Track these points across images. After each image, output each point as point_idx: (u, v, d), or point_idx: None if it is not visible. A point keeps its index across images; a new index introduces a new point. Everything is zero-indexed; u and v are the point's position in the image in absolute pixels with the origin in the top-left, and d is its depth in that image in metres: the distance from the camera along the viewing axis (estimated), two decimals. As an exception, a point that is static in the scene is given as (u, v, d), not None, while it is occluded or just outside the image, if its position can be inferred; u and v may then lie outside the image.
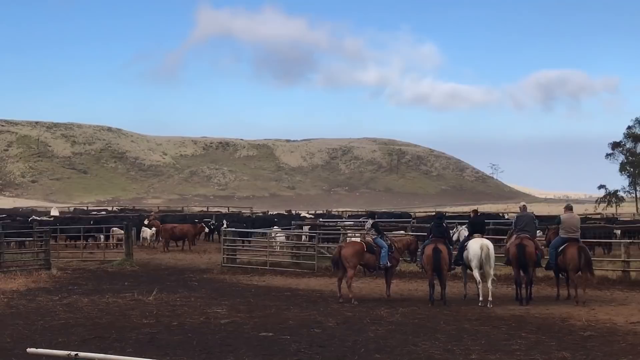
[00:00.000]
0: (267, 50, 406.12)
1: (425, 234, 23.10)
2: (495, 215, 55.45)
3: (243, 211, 77.98)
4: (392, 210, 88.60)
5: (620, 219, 56.26)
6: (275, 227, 41.61)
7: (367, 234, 22.40)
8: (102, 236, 39.20)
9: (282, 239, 35.86)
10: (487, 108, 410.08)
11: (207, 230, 45.08)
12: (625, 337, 15.63)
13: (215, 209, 77.91)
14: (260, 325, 16.97)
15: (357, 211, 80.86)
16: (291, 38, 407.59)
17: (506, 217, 53.19)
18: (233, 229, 35.62)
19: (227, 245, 31.89)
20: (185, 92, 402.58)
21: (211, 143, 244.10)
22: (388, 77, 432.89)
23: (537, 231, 24.04)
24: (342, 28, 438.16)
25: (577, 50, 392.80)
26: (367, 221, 23.55)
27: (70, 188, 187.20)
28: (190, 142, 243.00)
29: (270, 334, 15.97)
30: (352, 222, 42.76)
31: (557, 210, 60.14)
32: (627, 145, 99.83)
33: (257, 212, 75.32)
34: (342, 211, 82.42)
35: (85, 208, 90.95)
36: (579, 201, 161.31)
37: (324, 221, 44.57)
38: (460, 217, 43.67)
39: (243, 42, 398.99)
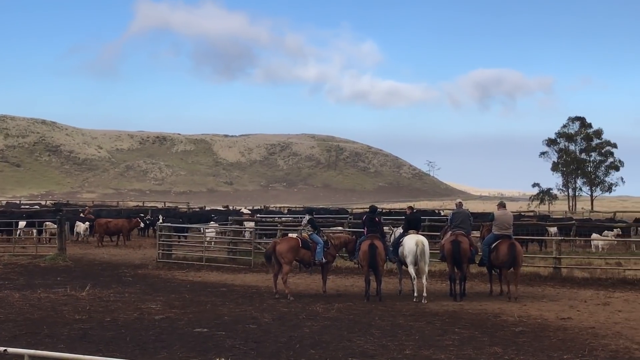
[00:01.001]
0: (207, 44, 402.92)
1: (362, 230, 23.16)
2: (431, 212, 56.09)
3: (180, 206, 77.38)
4: (330, 206, 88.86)
5: (553, 216, 57.37)
6: (212, 222, 41.37)
7: (303, 229, 22.38)
8: (34, 230, 38.45)
9: (217, 234, 35.67)
10: (425, 106, 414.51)
11: (142, 225, 44.58)
12: (556, 333, 15.92)
13: (151, 204, 77.17)
14: (195, 321, 16.85)
15: (295, 207, 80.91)
16: (231, 33, 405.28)
17: (442, 213, 53.78)
18: (168, 224, 35.28)
19: (163, 241, 31.58)
20: (123, 85, 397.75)
21: (148, 137, 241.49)
22: (328, 73, 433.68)
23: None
24: (283, 24, 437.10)
25: (513, 50, 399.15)
26: (304, 217, 23.54)
27: (2, 182, 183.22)
28: (127, 136, 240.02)
29: (205, 329, 15.86)
30: (289, 218, 42.74)
31: (491, 207, 60.99)
32: (561, 144, 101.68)
33: (194, 208, 74.81)
34: (280, 207, 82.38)
35: (18, 202, 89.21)
36: (513, 199, 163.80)
37: (261, 217, 44.50)
38: (396, 214, 44.06)
39: (183, 35, 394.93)
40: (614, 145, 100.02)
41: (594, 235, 36.83)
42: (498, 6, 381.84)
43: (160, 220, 41.13)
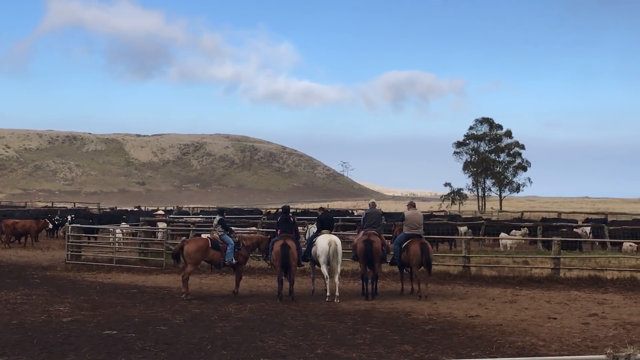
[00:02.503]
0: (122, 43, 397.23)
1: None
2: (345, 212, 56.49)
3: (90, 207, 75.97)
4: (244, 207, 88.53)
5: (463, 216, 58.46)
6: (122, 223, 40.74)
7: (214, 230, 22.24)
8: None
9: (128, 235, 35.14)
10: (340, 107, 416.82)
11: (50, 226, 43.59)
12: (465, 331, 16.20)
13: (61, 205, 75.52)
14: (104, 323, 16.55)
15: (209, 207, 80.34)
16: (147, 31, 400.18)
17: (355, 213, 54.20)
18: (78, 225, 34.58)
19: (72, 242, 30.93)
20: (33, 84, 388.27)
21: (57, 136, 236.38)
22: (243, 73, 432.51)
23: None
24: (200, 23, 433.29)
25: (426, 52, 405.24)
26: (215, 217, 23.40)
27: None
28: (36, 135, 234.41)
29: (115, 332, 15.59)
30: (202, 219, 42.43)
31: (404, 207, 61.79)
32: (471, 145, 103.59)
33: (104, 208, 73.54)
34: (194, 207, 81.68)
35: None
36: (425, 199, 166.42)
37: (173, 218, 44.04)
38: (311, 214, 44.21)
39: (96, 33, 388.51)
40: (522, 147, 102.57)
41: (502, 235, 37.74)
42: (412, 9, 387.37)
43: (69, 221, 40.23)
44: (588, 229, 40.82)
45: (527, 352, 13.93)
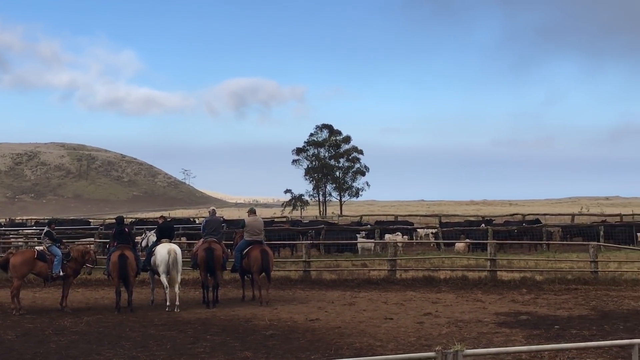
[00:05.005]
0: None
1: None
2: (186, 220, 55.91)
3: None
4: (82, 217, 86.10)
5: (304, 221, 59.10)
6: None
7: (42, 242, 21.49)
8: None
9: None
10: (182, 114, 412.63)
11: None
12: (305, 334, 16.41)
13: None
14: None
15: (44, 219, 77.50)
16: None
17: (197, 222, 53.74)
18: None
19: None
20: None
21: None
22: (81, 80, 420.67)
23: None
24: (37, 30, 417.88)
25: (268, 60, 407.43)
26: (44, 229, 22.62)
27: None
28: None
29: (-60, 352, 14.80)
30: (34, 231, 40.89)
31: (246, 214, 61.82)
32: (311, 152, 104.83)
33: None
34: (28, 219, 78.55)
35: None
36: (267, 205, 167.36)
37: (4, 230, 42.24)
38: (151, 223, 43.49)
39: None
40: (361, 152, 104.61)
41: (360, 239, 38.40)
42: (254, 17, 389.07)
43: None
44: (430, 231, 42.17)
45: (365, 352, 14.26)
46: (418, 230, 43.42)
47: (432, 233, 41.45)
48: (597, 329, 16.81)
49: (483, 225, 43.17)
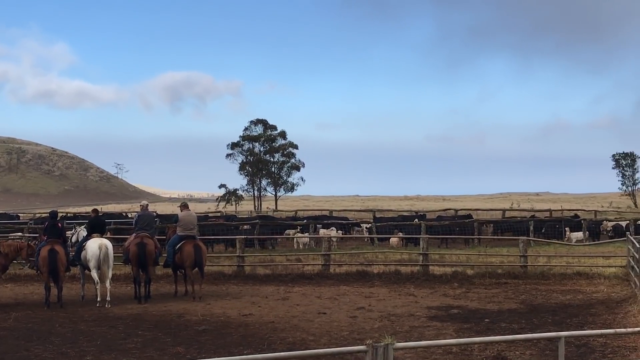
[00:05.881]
0: None
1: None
2: (118, 215, 55.26)
3: None
4: (11, 212, 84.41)
5: (239, 216, 58.91)
6: None
7: None
8: None
9: None
10: (115, 108, 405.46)
11: None
12: (238, 329, 16.37)
13: None
14: None
15: (-29, 213, 75.73)
16: None
17: (130, 216, 53.14)
18: None
19: None
20: None
21: None
22: (11, 72, 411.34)
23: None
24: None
25: (204, 54, 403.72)
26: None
27: None
28: None
29: None
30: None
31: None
32: (245, 146, 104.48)
33: None
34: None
35: None
36: (202, 200, 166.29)
37: None
38: (83, 217, 42.86)
39: None
40: (296, 147, 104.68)
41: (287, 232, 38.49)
42: (189, 10, 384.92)
43: None
44: (365, 225, 42.41)
45: (298, 347, 14.28)
46: (362, 225, 43.45)
47: (366, 228, 41.70)
48: (526, 322, 17.13)
49: (416, 220, 43.59)
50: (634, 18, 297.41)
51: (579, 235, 38.62)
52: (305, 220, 45.10)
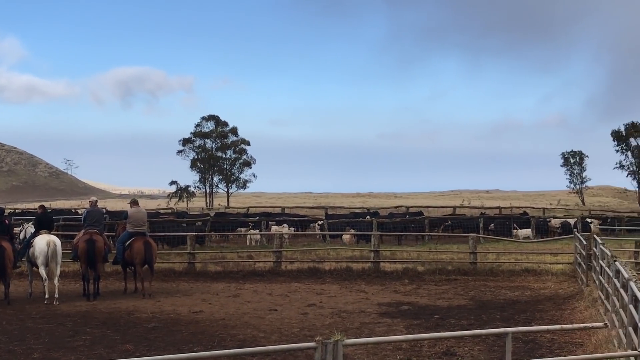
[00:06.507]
0: None
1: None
2: (68, 211, 54.59)
3: None
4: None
5: (191, 213, 58.60)
6: None
7: None
8: None
9: None
10: (66, 102, 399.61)
11: None
12: (188, 327, 16.30)
13: None
14: None
15: None
16: None
17: (79, 212, 52.52)
18: None
19: None
20: None
21: None
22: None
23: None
24: None
25: (155, 49, 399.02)
26: None
27: None
28: None
29: None
30: None
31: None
32: (197, 143, 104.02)
33: None
34: None
35: None
36: (153, 196, 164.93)
37: None
38: (31, 214, 42.25)
39: None
40: (248, 143, 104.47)
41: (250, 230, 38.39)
42: (141, 4, 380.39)
43: None
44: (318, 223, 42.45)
45: (248, 344, 14.26)
46: (320, 222, 43.43)
47: (318, 224, 41.74)
48: (474, 319, 17.33)
49: (368, 217, 43.77)
50: (583, 18, 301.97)
51: (527, 232, 39.13)
52: (257, 217, 45.03)
